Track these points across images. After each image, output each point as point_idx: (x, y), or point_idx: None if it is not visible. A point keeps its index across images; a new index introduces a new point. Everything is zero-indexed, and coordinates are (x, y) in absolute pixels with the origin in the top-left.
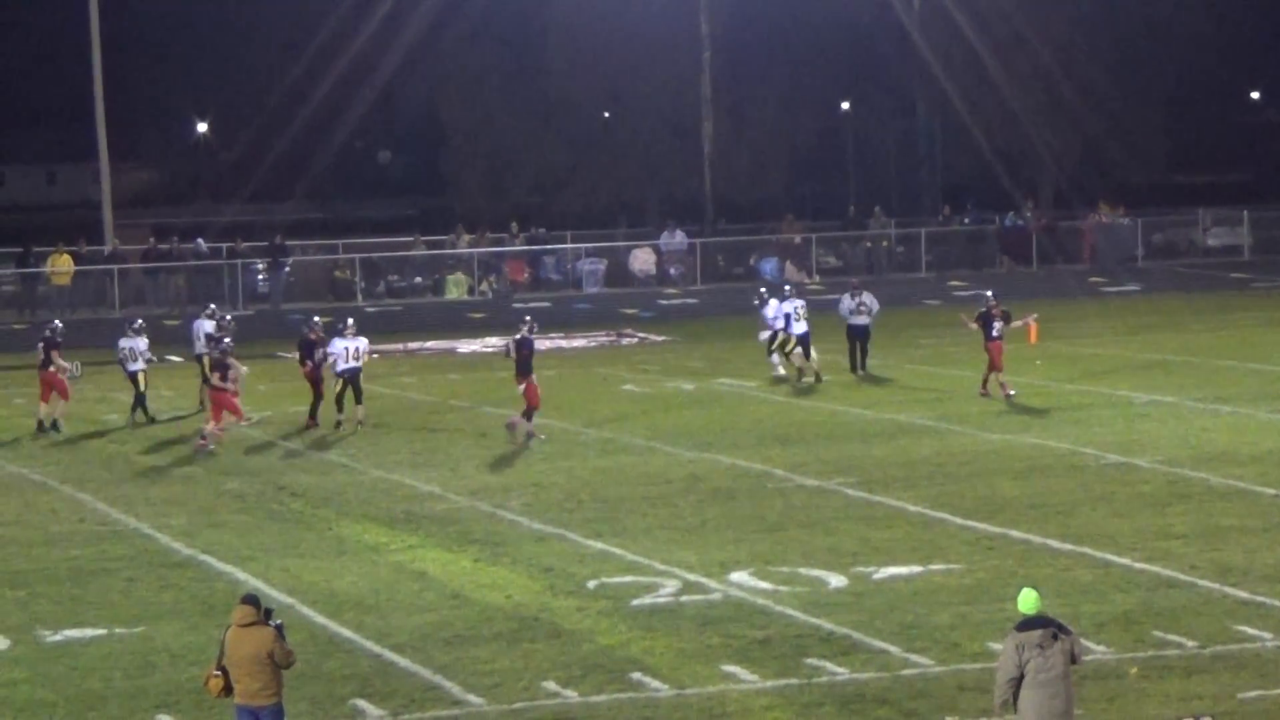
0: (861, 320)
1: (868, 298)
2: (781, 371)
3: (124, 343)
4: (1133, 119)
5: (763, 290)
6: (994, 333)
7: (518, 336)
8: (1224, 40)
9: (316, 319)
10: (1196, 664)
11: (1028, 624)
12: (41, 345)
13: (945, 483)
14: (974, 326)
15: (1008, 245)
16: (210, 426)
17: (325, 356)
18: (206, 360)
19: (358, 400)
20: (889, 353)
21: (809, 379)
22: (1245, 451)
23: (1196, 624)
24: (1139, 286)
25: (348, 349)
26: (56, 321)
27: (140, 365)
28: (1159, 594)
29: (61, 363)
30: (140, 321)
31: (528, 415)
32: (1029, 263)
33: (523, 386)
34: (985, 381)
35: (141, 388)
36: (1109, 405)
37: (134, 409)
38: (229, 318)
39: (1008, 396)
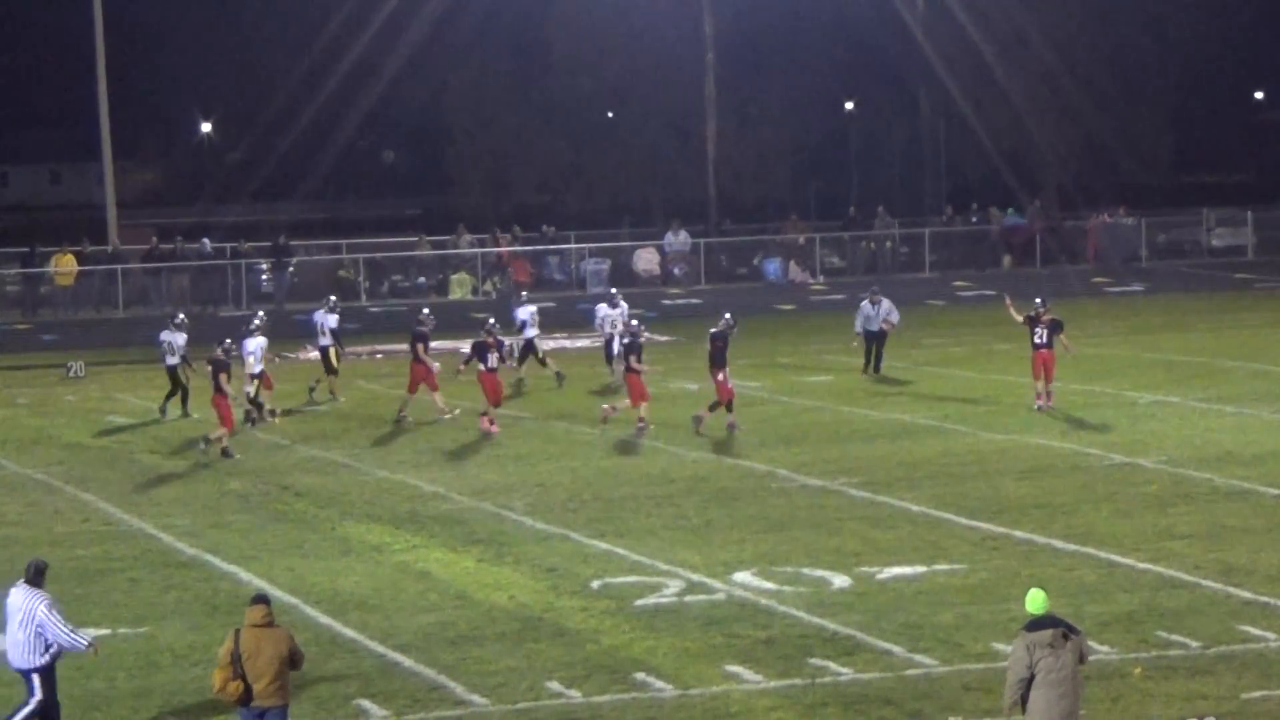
0: (881, 327)
1: (887, 305)
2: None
3: (164, 336)
4: (1137, 119)
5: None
6: (1037, 339)
7: (713, 330)
8: (1228, 40)
9: (494, 322)
10: (1200, 664)
11: (1037, 624)
12: (413, 339)
13: (949, 483)
14: (1017, 317)
15: (1011, 245)
16: (642, 411)
17: (498, 358)
18: (333, 351)
19: (264, 389)
20: (893, 353)
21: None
22: (1249, 452)
23: (1200, 624)
24: (1143, 287)
25: (259, 349)
26: (425, 309)
27: (177, 360)
28: (1163, 594)
29: (426, 360)
30: (181, 316)
31: (716, 407)
32: (1033, 262)
33: (719, 377)
34: (1048, 394)
35: (185, 382)
36: (1113, 405)
37: (168, 402)
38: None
39: (1039, 405)
